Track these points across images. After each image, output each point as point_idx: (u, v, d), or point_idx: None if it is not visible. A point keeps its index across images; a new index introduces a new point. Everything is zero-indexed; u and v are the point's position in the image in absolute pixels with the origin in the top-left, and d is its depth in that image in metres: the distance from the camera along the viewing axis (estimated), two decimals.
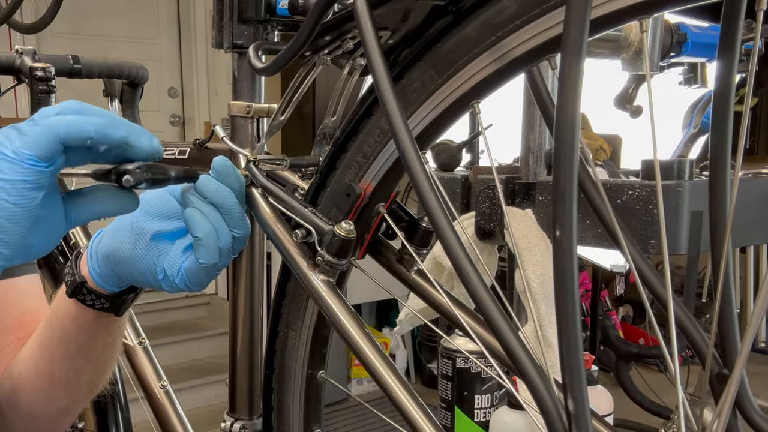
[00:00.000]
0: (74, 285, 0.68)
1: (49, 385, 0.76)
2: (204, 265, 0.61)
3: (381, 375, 0.56)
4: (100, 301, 0.69)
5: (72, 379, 0.76)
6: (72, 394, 0.79)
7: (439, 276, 0.83)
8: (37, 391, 0.77)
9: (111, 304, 0.70)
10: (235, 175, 0.63)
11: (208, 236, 0.60)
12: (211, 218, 0.61)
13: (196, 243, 0.61)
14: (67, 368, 0.75)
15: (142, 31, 4.17)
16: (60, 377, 0.76)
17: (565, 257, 0.38)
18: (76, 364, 0.75)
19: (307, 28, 0.54)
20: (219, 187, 0.62)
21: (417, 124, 0.55)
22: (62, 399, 0.79)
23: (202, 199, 0.61)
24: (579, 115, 0.37)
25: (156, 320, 3.86)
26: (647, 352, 3.34)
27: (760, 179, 0.76)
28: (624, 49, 0.90)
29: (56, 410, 0.80)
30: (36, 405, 0.78)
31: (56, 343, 0.74)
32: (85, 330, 0.72)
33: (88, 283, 0.68)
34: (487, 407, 1.00)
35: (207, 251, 0.60)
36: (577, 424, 0.39)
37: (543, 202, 0.76)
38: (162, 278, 0.63)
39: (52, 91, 1.03)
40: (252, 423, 0.87)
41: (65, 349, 0.74)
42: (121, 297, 0.70)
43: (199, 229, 0.60)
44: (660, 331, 0.48)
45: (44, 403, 0.78)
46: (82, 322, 0.71)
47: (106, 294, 0.69)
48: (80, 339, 0.73)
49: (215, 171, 0.62)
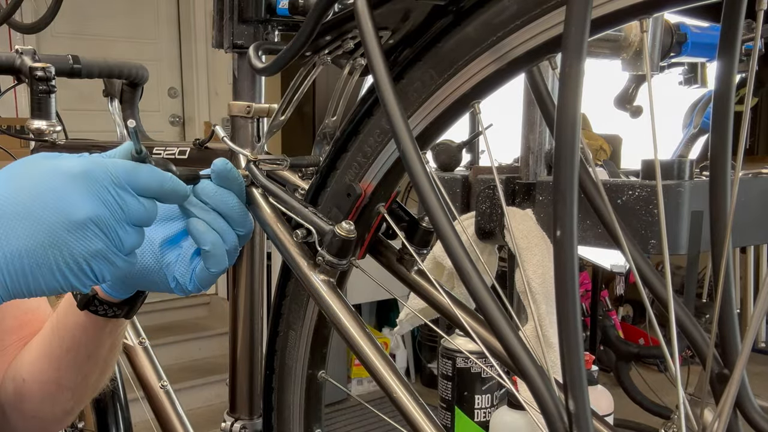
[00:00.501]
0: (86, 298, 0.69)
1: (56, 390, 0.77)
2: (215, 273, 0.61)
3: (381, 375, 0.55)
4: (112, 309, 0.70)
5: (80, 384, 0.77)
6: (78, 397, 0.79)
7: (440, 276, 0.83)
8: (44, 396, 0.77)
9: (122, 310, 0.71)
10: (235, 176, 0.63)
11: (215, 246, 0.60)
12: (215, 225, 0.61)
13: (205, 254, 0.60)
14: (75, 374, 0.76)
15: (142, 31, 4.17)
16: (68, 383, 0.76)
17: (566, 257, 0.38)
18: (85, 370, 0.76)
19: (307, 28, 0.54)
20: (220, 191, 0.61)
21: (417, 124, 0.55)
22: (68, 402, 0.79)
23: (204, 206, 0.61)
24: (579, 115, 0.37)
25: (156, 320, 3.86)
26: (647, 352, 3.34)
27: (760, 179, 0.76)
28: (624, 49, 0.90)
29: (61, 412, 0.81)
30: (42, 409, 0.78)
31: (65, 352, 0.74)
32: (95, 337, 0.73)
33: (99, 295, 0.69)
34: (487, 407, 1.00)
35: (216, 260, 0.60)
36: (578, 423, 0.39)
37: (543, 202, 0.76)
38: (175, 286, 0.63)
39: (52, 91, 1.03)
40: (252, 423, 0.87)
41: (74, 357, 0.74)
42: (132, 302, 0.71)
43: (205, 241, 0.60)
44: (660, 331, 0.48)
45: (51, 406, 0.78)
46: (93, 331, 0.72)
47: (117, 302, 0.70)
48: (90, 346, 0.74)
49: (215, 174, 0.62)
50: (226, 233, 0.61)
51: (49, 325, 0.76)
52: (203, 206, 0.61)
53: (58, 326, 0.74)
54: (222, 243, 0.61)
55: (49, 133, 1.04)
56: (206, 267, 0.61)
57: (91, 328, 0.71)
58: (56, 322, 0.74)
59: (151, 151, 0.86)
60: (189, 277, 0.62)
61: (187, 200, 0.61)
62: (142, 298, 0.72)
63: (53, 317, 0.76)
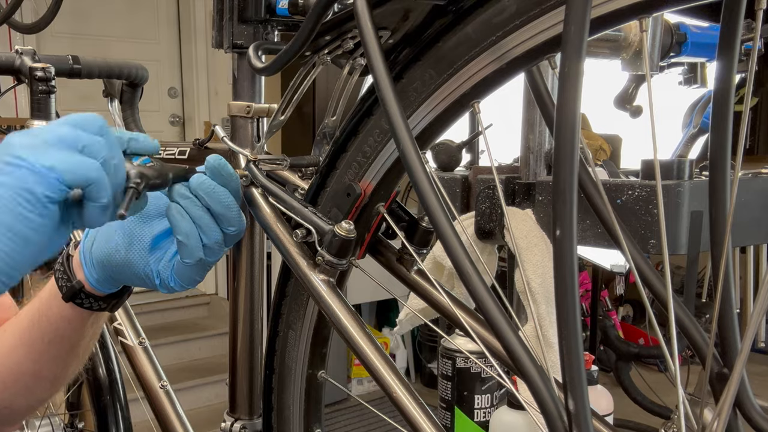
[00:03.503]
0: (72, 291, 0.68)
1: (33, 381, 0.75)
2: (189, 263, 0.62)
3: (381, 375, 0.56)
4: (98, 303, 0.70)
5: (59, 374, 0.76)
6: (57, 386, 0.79)
7: (439, 276, 0.83)
8: (18, 388, 0.75)
9: (107, 304, 0.70)
10: (229, 172, 0.63)
11: (188, 236, 0.61)
12: (195, 216, 0.61)
13: (178, 244, 0.61)
14: (56, 365, 0.75)
15: (142, 31, 4.17)
16: (48, 374, 0.75)
17: (565, 257, 0.38)
18: (66, 361, 0.75)
19: (307, 28, 0.54)
20: (211, 186, 0.62)
21: (417, 123, 0.55)
22: (46, 392, 0.78)
23: (193, 198, 0.61)
24: (579, 115, 0.37)
25: (156, 320, 3.86)
26: (647, 352, 3.34)
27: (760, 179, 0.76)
28: (624, 49, 0.90)
29: (37, 402, 0.80)
30: (16, 400, 0.76)
31: (47, 345, 0.73)
32: (79, 329, 0.72)
33: (86, 287, 0.68)
34: (487, 407, 1.00)
35: (189, 250, 0.61)
36: (578, 423, 0.39)
37: (543, 202, 0.76)
38: (159, 283, 0.64)
39: (52, 92, 1.03)
40: (252, 423, 0.87)
41: (57, 349, 0.73)
42: (118, 296, 0.71)
43: (178, 230, 0.61)
44: (660, 331, 0.48)
45: (26, 398, 0.77)
46: (78, 323, 0.71)
47: (103, 296, 0.69)
48: (73, 338, 0.73)
49: (209, 169, 0.62)
50: (209, 228, 0.61)
51: (27, 317, 0.74)
52: (192, 199, 0.61)
53: (39, 318, 0.72)
54: (197, 234, 0.61)
55: None
56: (181, 258, 0.61)
57: (76, 320, 0.70)
58: (37, 314, 0.73)
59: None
60: (169, 272, 0.63)
61: (179, 192, 0.61)
62: (128, 293, 0.72)
63: (32, 309, 0.74)
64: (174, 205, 0.61)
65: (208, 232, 0.61)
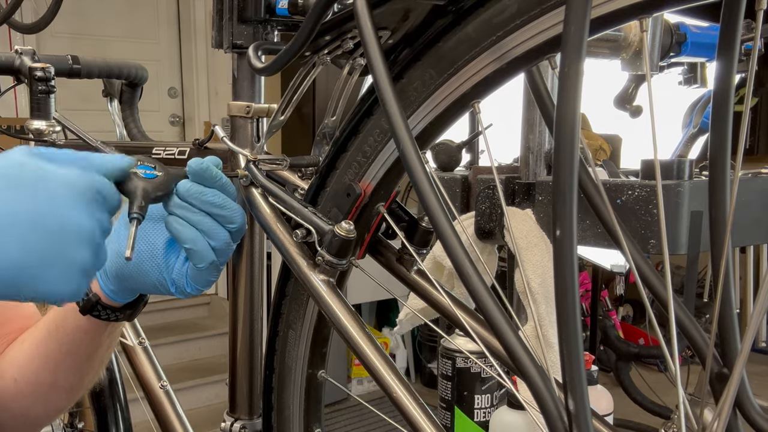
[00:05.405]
0: (89, 303, 0.69)
1: (50, 391, 0.76)
2: (203, 268, 0.62)
3: (381, 375, 0.56)
4: (115, 314, 0.70)
5: (76, 384, 0.77)
6: (73, 396, 0.79)
7: (439, 276, 0.83)
8: (37, 397, 0.76)
9: (124, 314, 0.71)
10: (212, 174, 0.62)
11: (194, 242, 0.61)
12: (195, 222, 0.61)
13: (187, 251, 0.61)
14: (73, 375, 0.76)
15: (142, 31, 4.17)
16: (65, 384, 0.76)
17: (565, 257, 0.38)
18: (83, 370, 0.76)
19: (307, 28, 0.54)
20: (201, 190, 0.61)
21: (417, 123, 0.55)
22: (62, 401, 0.79)
23: (188, 206, 0.61)
24: (579, 115, 0.37)
25: (156, 320, 3.86)
26: (647, 352, 3.34)
27: (760, 179, 0.76)
28: (624, 49, 0.90)
29: (54, 410, 0.81)
30: (34, 408, 0.78)
31: (64, 355, 0.74)
32: (96, 339, 0.73)
33: (102, 299, 0.69)
34: (487, 407, 1.00)
35: (200, 255, 0.61)
36: (578, 423, 0.39)
37: (543, 202, 0.76)
38: (174, 290, 0.64)
39: (52, 92, 1.03)
40: (252, 423, 0.87)
41: (74, 359, 0.74)
42: (134, 306, 0.71)
43: (184, 238, 0.61)
44: (660, 331, 0.48)
45: (43, 406, 0.78)
46: (95, 333, 0.72)
47: (119, 306, 0.70)
48: (90, 348, 0.73)
49: (191, 175, 0.62)
50: (213, 231, 0.61)
51: (44, 327, 0.75)
52: (187, 207, 0.61)
53: (56, 329, 0.74)
54: (202, 239, 0.61)
55: (48, 134, 1.04)
56: (193, 264, 0.62)
57: (93, 330, 0.71)
58: (53, 325, 0.74)
59: (151, 152, 0.87)
60: (184, 279, 0.63)
61: (173, 203, 0.61)
62: (144, 302, 0.72)
63: (49, 320, 0.75)
64: (171, 218, 0.61)
65: (213, 235, 0.61)
